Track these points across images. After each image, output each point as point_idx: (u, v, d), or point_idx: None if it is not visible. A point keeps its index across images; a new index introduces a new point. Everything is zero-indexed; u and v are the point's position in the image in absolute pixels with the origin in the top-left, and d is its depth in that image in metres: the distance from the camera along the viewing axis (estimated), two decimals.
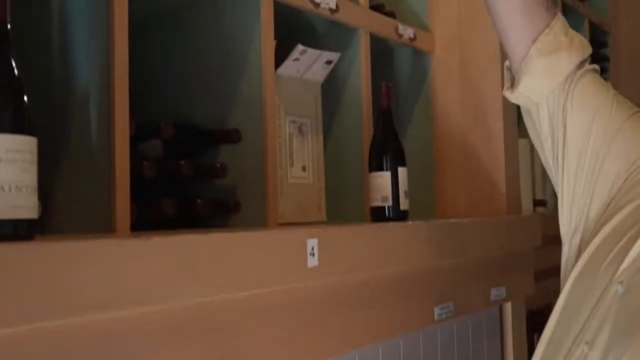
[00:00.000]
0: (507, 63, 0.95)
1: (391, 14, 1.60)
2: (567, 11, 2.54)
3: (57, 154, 0.99)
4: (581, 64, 0.90)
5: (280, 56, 1.24)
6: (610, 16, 2.94)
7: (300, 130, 1.29)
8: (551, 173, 0.93)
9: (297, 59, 1.24)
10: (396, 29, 1.56)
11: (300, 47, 1.22)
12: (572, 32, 0.91)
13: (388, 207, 1.25)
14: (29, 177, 0.60)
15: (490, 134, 1.62)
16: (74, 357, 0.65)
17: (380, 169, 1.26)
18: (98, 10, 0.96)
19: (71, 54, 0.99)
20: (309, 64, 1.28)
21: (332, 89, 1.44)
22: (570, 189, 0.88)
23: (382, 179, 1.25)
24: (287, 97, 1.27)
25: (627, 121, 0.87)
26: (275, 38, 1.21)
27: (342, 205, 1.43)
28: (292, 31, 1.37)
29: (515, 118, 1.69)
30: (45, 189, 0.94)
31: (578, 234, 0.88)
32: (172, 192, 1.11)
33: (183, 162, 1.09)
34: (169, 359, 0.75)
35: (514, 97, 0.92)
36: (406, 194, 1.26)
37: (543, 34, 0.88)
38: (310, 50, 1.24)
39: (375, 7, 1.55)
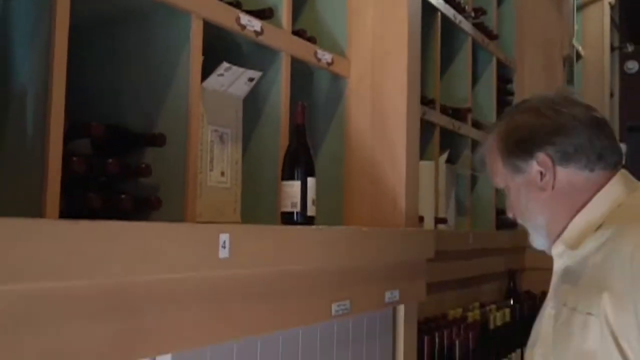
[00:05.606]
0: None
1: (312, 40, 1.76)
2: (477, 49, 2.79)
3: None
4: None
5: (207, 71, 1.37)
6: (517, 55, 3.23)
7: (221, 138, 1.42)
8: None
9: (221, 75, 1.37)
10: (315, 53, 1.72)
11: (225, 64, 1.36)
12: None
13: (296, 212, 1.39)
14: None
15: (394, 155, 1.79)
16: None
17: (292, 178, 1.40)
18: (41, 11, 1.05)
19: (13, 52, 1.09)
20: (232, 80, 1.41)
21: (254, 104, 1.58)
22: None
23: (293, 187, 1.40)
24: (210, 108, 1.39)
25: None
26: (204, 55, 1.34)
27: (257, 209, 1.56)
28: (221, 50, 1.50)
29: (417, 143, 1.88)
30: None
31: None
32: (100, 188, 1.21)
33: (111, 160, 1.20)
34: (81, 327, 0.86)
35: None
36: (314, 201, 1.41)
37: None
38: (234, 68, 1.38)
39: (297, 32, 1.70)
